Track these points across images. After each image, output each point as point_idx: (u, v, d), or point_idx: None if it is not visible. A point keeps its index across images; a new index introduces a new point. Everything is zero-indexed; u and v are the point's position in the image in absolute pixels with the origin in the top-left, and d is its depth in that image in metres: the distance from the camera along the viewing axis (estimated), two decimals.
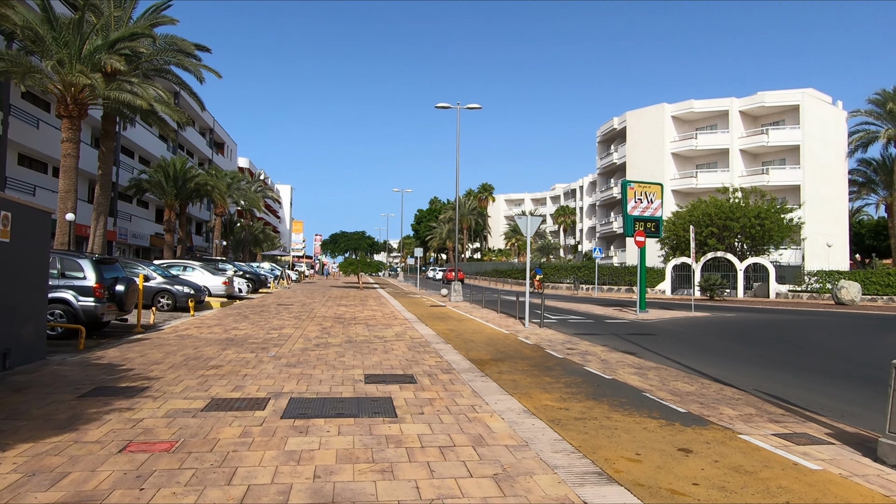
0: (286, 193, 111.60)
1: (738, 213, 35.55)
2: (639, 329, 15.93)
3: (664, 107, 49.83)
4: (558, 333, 14.15)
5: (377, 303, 23.87)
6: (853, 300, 27.54)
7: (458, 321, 16.67)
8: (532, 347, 11.44)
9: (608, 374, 8.69)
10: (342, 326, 14.37)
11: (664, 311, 22.65)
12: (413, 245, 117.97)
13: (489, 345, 11.69)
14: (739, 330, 16.34)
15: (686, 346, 12.57)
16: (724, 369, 9.63)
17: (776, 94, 46.06)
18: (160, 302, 17.18)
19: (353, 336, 12.50)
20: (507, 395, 7.05)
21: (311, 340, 11.62)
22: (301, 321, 15.43)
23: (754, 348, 12.45)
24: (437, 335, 13.08)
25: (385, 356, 9.84)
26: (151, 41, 23.50)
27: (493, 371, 8.72)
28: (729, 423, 5.99)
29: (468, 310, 21.23)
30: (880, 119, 45.56)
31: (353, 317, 17.11)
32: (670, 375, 8.74)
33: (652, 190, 21.53)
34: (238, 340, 11.35)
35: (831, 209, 46.25)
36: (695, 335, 14.83)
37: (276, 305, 20.79)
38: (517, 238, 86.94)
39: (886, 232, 55.61)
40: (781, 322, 18.90)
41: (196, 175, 34.77)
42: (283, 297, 25.76)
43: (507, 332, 14.18)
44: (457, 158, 26.91)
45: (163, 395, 6.64)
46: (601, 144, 61.06)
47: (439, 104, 25.99)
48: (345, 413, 6.04)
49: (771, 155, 47.60)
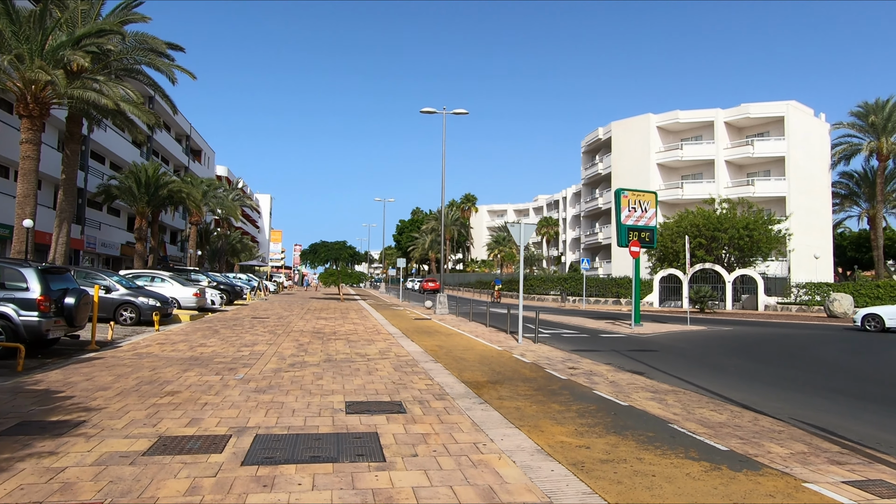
0: (266, 203, 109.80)
1: (726, 224, 35.06)
2: (638, 345, 15.00)
3: (649, 117, 49.51)
4: (555, 350, 13.15)
5: (359, 315, 22.70)
6: (845, 313, 27.02)
7: (446, 336, 15.59)
8: (530, 367, 10.41)
9: (622, 399, 7.69)
10: (321, 342, 13.21)
11: (658, 324, 21.81)
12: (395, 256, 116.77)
13: (483, 364, 10.64)
14: (742, 345, 15.49)
15: (695, 365, 11.64)
16: (745, 392, 8.68)
17: (761, 106, 45.98)
18: (123, 315, 15.84)
19: (332, 354, 11.36)
20: (513, 429, 6.00)
21: (285, 359, 10.46)
22: (276, 336, 14.23)
23: (767, 366, 11.56)
24: (424, 352, 11.99)
25: (369, 378, 8.73)
26: (121, 39, 22.24)
27: (492, 396, 7.67)
28: (784, 465, 5.00)
29: (455, 323, 20.16)
30: (863, 131, 45.64)
31: (332, 331, 15.94)
32: (691, 401, 7.76)
33: (646, 198, 20.74)
34: (203, 359, 10.14)
35: (816, 221, 46.16)
36: (699, 351, 13.93)
37: (251, 319, 19.52)
38: (500, 249, 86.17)
39: (868, 244, 55.78)
40: (781, 336, 18.13)
41: (169, 182, 33.31)
42: (259, 310, 24.45)
43: (500, 348, 13.14)
44: (443, 164, 25.96)
45: (100, 432, 5.47)
46: (586, 155, 60.63)
47: (425, 109, 25.05)
48: (322, 456, 4.93)
49: (756, 166, 47.46)
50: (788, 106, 45.47)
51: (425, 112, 25.10)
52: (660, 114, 49.38)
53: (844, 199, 51.39)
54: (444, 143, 25.91)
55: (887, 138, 43.56)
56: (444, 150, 25.95)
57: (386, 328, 17.44)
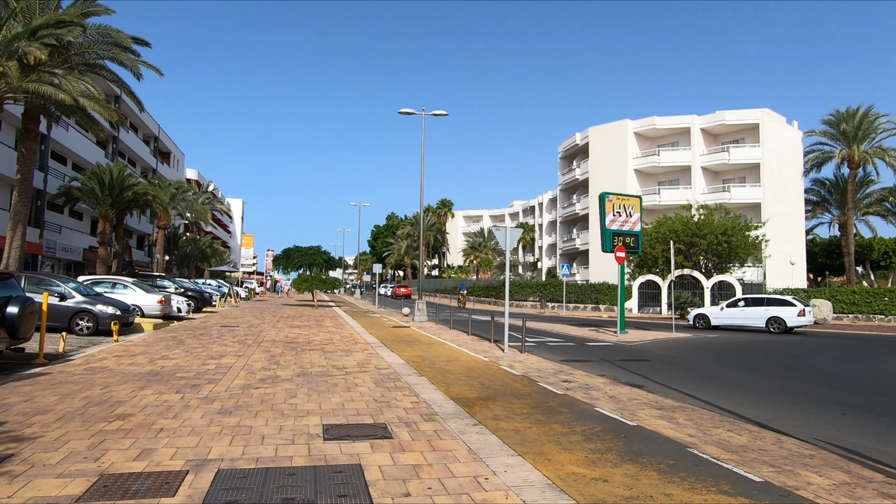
0: (237, 207, 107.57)
1: (704, 230, 34.98)
2: (628, 354, 14.42)
3: (627, 123, 49.54)
4: (544, 360, 12.47)
5: (334, 323, 21.77)
6: (825, 319, 27.00)
7: (428, 345, 14.81)
8: (522, 380, 9.70)
9: (628, 417, 7.02)
10: (294, 354, 12.32)
11: (643, 331, 21.35)
12: (370, 261, 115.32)
13: (471, 377, 9.89)
14: (733, 354, 15.04)
15: (693, 376, 11.06)
16: (755, 408, 8.09)
17: (736, 113, 46.32)
18: (79, 325, 14.70)
19: (307, 366, 10.49)
20: (516, 457, 5.26)
21: (255, 373, 9.57)
22: (246, 347, 13.28)
23: (768, 378, 11.04)
24: (406, 364, 11.19)
25: (348, 395, 7.91)
26: (82, 31, 21.01)
27: (485, 416, 6.92)
28: (829, 499, 4.36)
29: (435, 331, 19.39)
30: (834, 139, 46.29)
31: (307, 341, 15.03)
32: (703, 419, 7.12)
33: (630, 203, 20.29)
34: (164, 374, 9.20)
35: (789, 228, 46.60)
36: (693, 361, 13.40)
37: (220, 327, 18.47)
38: (475, 255, 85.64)
39: (839, 250, 56.66)
40: (770, 344, 17.77)
41: (135, 183, 31.88)
42: (228, 318, 23.33)
43: (486, 359, 12.41)
44: (421, 166, 25.21)
45: (28, 469, 4.58)
46: (563, 160, 60.51)
47: (403, 110, 24.31)
48: (296, 499, 4.13)
49: (731, 173, 47.77)
50: (763, 113, 45.90)
51: (404, 113, 24.36)
52: (637, 120, 49.45)
53: (816, 206, 52.14)
54: (423, 145, 25.22)
55: (858, 146, 44.21)
56: (423, 152, 25.25)
57: (363, 337, 16.58)
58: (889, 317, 30.20)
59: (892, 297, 30.83)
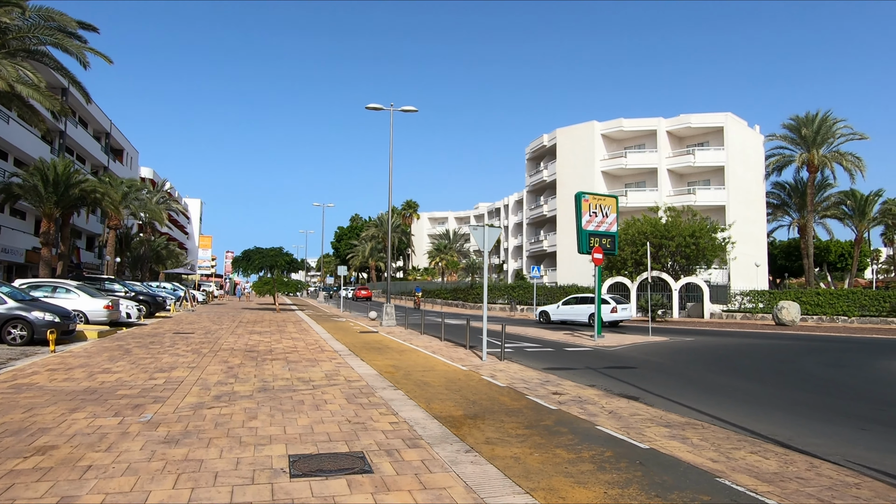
0: (195, 207, 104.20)
1: (673, 232, 34.95)
2: (611, 360, 13.75)
3: (594, 124, 49.48)
4: (526, 369, 11.67)
5: (297, 329, 20.58)
6: (793, 321, 27.08)
7: (400, 353, 13.86)
8: (508, 393, 8.86)
9: (637, 438, 6.24)
10: (254, 364, 11.21)
11: (619, 334, 20.82)
12: (333, 263, 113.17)
13: (452, 390, 9.00)
14: (718, 358, 14.54)
15: (687, 386, 10.41)
16: (767, 422, 7.43)
17: (701, 116, 46.74)
18: (11, 333, 13.23)
19: (269, 380, 9.43)
20: (524, 495, 4.40)
21: (210, 389, 8.48)
22: (200, 357, 12.09)
23: (763, 385, 10.48)
24: (379, 375, 10.23)
25: (317, 415, 6.93)
26: (21, 13, 19.36)
27: (478, 439, 6.05)
28: None
29: (406, 336, 18.43)
30: (794, 144, 47.15)
31: (268, 349, 13.89)
32: (718, 438, 6.40)
33: (607, 203, 19.75)
34: (103, 392, 8.03)
35: (752, 230, 47.21)
36: (679, 367, 12.79)
37: (173, 334, 17.11)
38: (441, 256, 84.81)
39: (798, 253, 57.93)
40: (749, 347, 17.41)
41: (82, 180, 29.90)
42: (183, 323, 21.88)
43: (464, 367, 11.54)
44: (390, 164, 24.23)
45: None
46: (530, 162, 60.21)
47: (370, 105, 23.28)
48: None
49: (696, 175, 48.19)
50: (726, 117, 46.43)
51: (371, 108, 23.34)
52: (604, 122, 49.45)
53: (776, 209, 53.06)
54: (392, 141, 24.25)
55: (817, 150, 45.05)
56: (392, 149, 24.28)
57: (330, 344, 15.51)
58: (852, 318, 30.58)
59: (854, 298, 31.27)
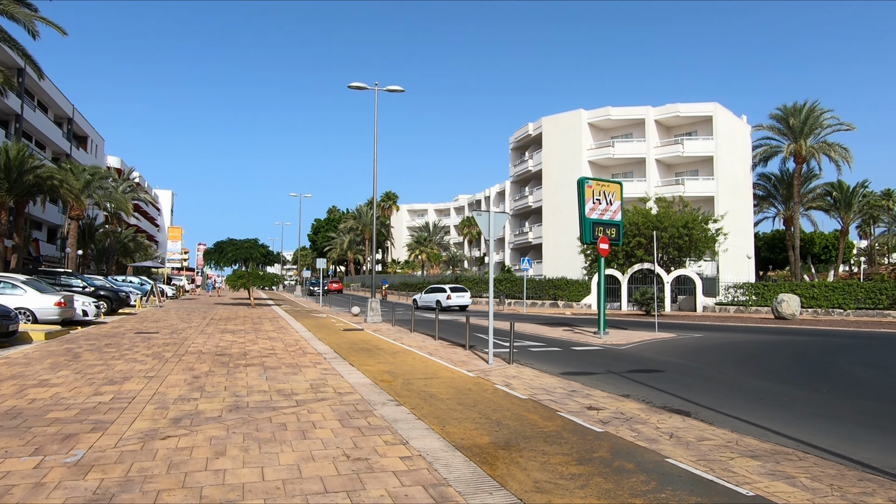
0: (166, 199, 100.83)
1: (665, 223, 33.85)
2: (630, 362, 12.34)
3: (581, 113, 48.16)
4: (542, 374, 10.18)
5: (275, 326, 18.84)
6: (794, 314, 26.11)
7: (393, 356, 12.26)
8: (534, 407, 7.35)
9: (728, 478, 4.77)
10: (225, 372, 9.52)
11: (621, 331, 19.50)
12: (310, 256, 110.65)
13: (466, 404, 7.45)
14: (743, 357, 13.25)
15: (732, 394, 9.01)
16: (863, 446, 6.02)
17: (690, 106, 45.75)
18: None
19: (242, 394, 7.77)
20: None
21: (167, 408, 6.80)
22: (162, 363, 10.35)
23: (816, 392, 9.14)
24: (374, 385, 8.65)
25: (305, 448, 5.32)
26: None
27: (523, 484, 4.51)
28: None
29: (395, 335, 16.83)
30: (781, 134, 46.51)
31: (242, 352, 12.19)
32: (829, 475, 4.95)
33: (611, 189, 18.34)
34: (29, 415, 6.31)
35: (740, 221, 46.49)
36: (708, 369, 11.42)
37: (134, 335, 15.26)
38: (421, 249, 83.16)
39: (782, 244, 57.58)
40: (770, 345, 16.18)
41: (38, 166, 27.57)
42: (148, 321, 19.96)
43: (471, 373, 10.00)
44: (374, 148, 22.48)
45: None
46: (515, 151, 58.72)
47: (354, 84, 21.52)
48: None
49: (684, 166, 47.26)
50: (715, 107, 45.53)
51: (354, 87, 21.57)
52: (591, 110, 48.14)
53: (762, 201, 52.50)
54: (377, 122, 22.48)
55: (805, 141, 44.45)
56: (377, 132, 22.53)
57: (312, 344, 13.85)
58: (847, 311, 29.86)
59: (850, 291, 30.54)
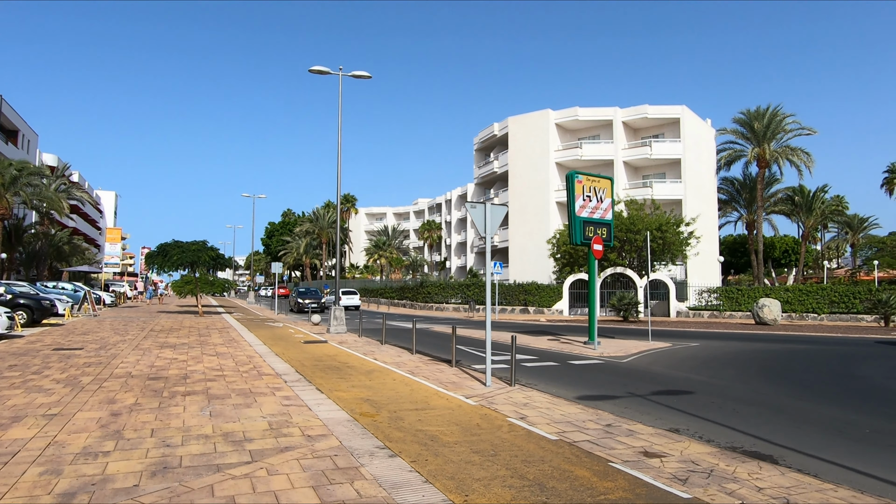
0: (109, 200, 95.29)
1: (638, 225, 32.78)
2: (648, 380, 10.66)
3: (548, 113, 46.96)
4: (557, 400, 8.36)
5: (224, 339, 16.48)
6: (775, 319, 25.22)
7: (368, 376, 10.24)
8: (577, 457, 5.49)
9: None
10: (157, 406, 7.33)
11: (610, 339, 17.94)
12: (264, 261, 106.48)
13: (483, 453, 5.53)
14: (770, 371, 11.79)
15: (791, 421, 7.39)
16: None
17: (658, 108, 45.15)
18: None
19: (174, 443, 5.64)
20: None
21: (59, 473, 4.64)
22: (76, 392, 8.07)
23: (885, 419, 7.62)
24: (353, 421, 6.64)
25: None
26: None
27: None
28: None
29: (364, 348, 14.76)
30: (744, 138, 46.42)
31: (182, 374, 9.94)
32: None
33: (601, 185, 16.82)
34: None
35: (706, 225, 46.08)
36: (743, 389, 9.83)
37: (51, 352, 12.73)
38: (380, 253, 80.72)
39: (744, 249, 57.89)
40: (784, 354, 14.85)
41: None
42: (74, 334, 17.27)
43: (470, 401, 8.10)
44: (338, 138, 20.31)
45: None
46: (479, 152, 57.17)
47: (315, 67, 19.37)
48: None
49: (652, 168, 46.63)
50: (683, 109, 45.09)
51: (316, 71, 19.42)
52: (559, 110, 47.00)
53: (725, 205, 52.51)
54: (341, 110, 20.38)
55: (768, 145, 44.44)
56: (340, 121, 20.42)
57: (269, 361, 11.67)
58: (821, 315, 29.30)
59: (824, 295, 30.03)
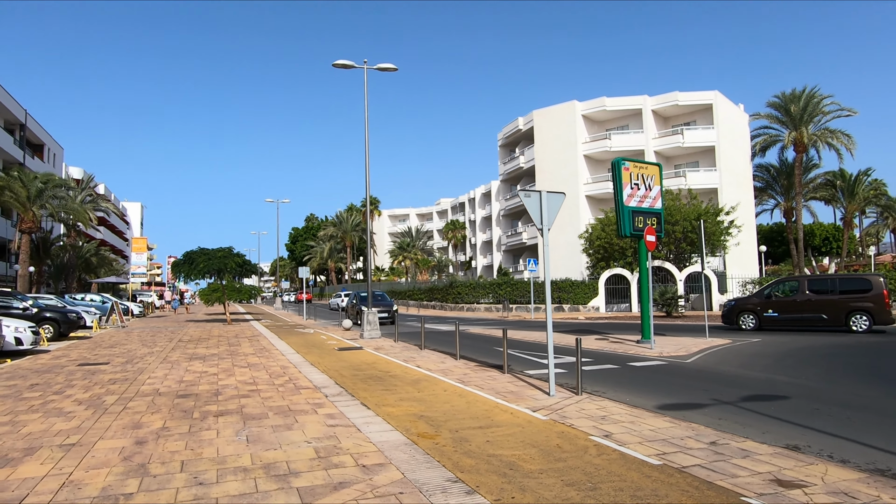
0: (135, 212, 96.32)
1: (677, 216, 31.42)
2: (728, 383, 9.55)
3: (574, 104, 45.65)
4: (636, 411, 7.31)
5: (255, 348, 15.71)
6: None
7: (415, 386, 9.31)
8: (697, 488, 4.46)
9: None
10: (187, 430, 6.47)
11: (662, 337, 16.76)
12: (288, 266, 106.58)
13: (577, 486, 4.53)
14: (848, 367, 10.58)
15: None
16: None
17: (689, 94, 43.54)
18: None
19: (208, 479, 4.74)
20: None
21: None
22: (99, 415, 7.26)
23: None
24: (411, 445, 5.69)
25: None
26: None
27: None
28: None
29: (403, 353, 13.85)
30: (780, 123, 44.53)
31: (213, 390, 9.11)
32: None
33: (649, 172, 15.69)
34: None
35: (743, 214, 44.35)
36: (835, 390, 8.69)
37: (76, 367, 12.05)
38: (404, 255, 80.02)
39: (781, 237, 55.81)
40: (848, 349, 13.59)
41: None
42: (101, 347, 16.67)
43: (538, 414, 7.10)
44: (366, 133, 19.43)
45: None
46: (504, 148, 56.01)
47: (339, 62, 18.54)
48: None
49: (684, 157, 45.03)
50: (715, 95, 43.41)
51: (340, 66, 18.59)
52: (585, 101, 45.63)
53: (761, 192, 50.56)
54: (367, 105, 19.46)
55: (806, 128, 42.52)
56: (367, 116, 19.53)
57: (305, 372, 10.81)
58: None
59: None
